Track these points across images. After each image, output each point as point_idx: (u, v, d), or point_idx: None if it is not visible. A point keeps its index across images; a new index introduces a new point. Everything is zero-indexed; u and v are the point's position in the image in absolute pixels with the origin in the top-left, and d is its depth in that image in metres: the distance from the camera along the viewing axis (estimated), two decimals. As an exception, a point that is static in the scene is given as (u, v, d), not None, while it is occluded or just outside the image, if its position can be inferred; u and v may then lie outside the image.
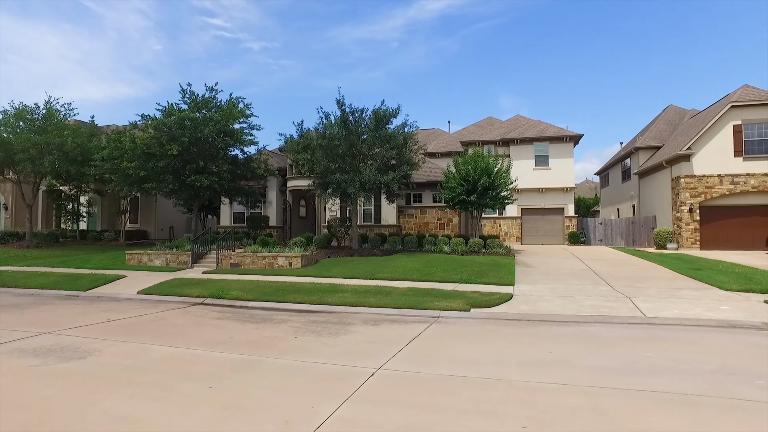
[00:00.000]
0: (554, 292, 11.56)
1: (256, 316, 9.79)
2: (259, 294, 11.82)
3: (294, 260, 16.07)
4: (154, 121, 19.05)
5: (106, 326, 8.53)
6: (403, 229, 23.72)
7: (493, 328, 8.56)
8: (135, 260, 18.06)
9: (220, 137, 19.74)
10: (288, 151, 18.42)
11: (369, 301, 10.77)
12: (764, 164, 21.07)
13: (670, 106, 32.38)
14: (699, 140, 21.58)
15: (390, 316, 9.79)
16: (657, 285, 12.31)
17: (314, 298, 11.16)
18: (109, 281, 14.29)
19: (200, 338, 7.58)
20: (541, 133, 27.49)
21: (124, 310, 10.39)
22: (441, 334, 7.98)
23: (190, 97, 20.80)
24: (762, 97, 21.41)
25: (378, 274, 14.34)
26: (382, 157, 17.83)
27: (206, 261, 17.86)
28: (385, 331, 8.32)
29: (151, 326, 8.58)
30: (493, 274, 14.29)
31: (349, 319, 9.39)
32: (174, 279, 14.29)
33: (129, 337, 7.59)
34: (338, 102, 18.26)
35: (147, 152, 19.64)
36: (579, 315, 9.33)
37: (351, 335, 7.87)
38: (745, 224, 21.42)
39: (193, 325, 8.77)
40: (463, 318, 9.54)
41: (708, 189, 21.53)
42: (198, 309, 10.71)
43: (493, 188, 19.31)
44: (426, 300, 10.73)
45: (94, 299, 12.29)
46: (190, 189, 20.18)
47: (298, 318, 9.51)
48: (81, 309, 10.66)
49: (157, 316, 9.61)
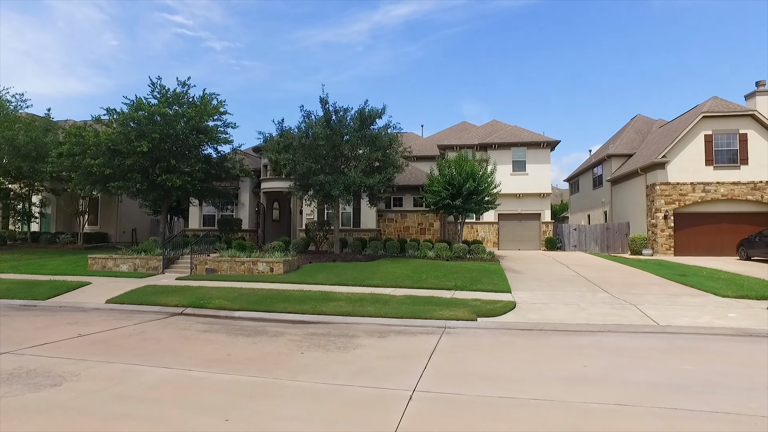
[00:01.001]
0: (555, 300, 11.26)
1: (247, 328, 8.92)
2: (245, 303, 10.91)
3: (275, 265, 15.14)
4: (121, 116, 17.62)
5: (78, 343, 7.47)
6: (382, 234, 23.11)
7: (509, 339, 8.09)
8: (99, 265, 16.57)
9: (193, 134, 18.54)
10: (268, 151, 17.45)
11: (367, 311, 10.09)
12: (732, 173, 21.89)
13: (639, 116, 33.41)
14: (673, 149, 22.19)
15: (394, 326, 9.16)
16: (652, 291, 12.25)
17: (307, 308, 10.37)
18: (72, 289, 12.93)
19: (193, 356, 6.68)
20: (519, 139, 27.63)
21: (94, 323, 9.26)
22: (458, 347, 7.42)
23: (160, 91, 19.47)
24: (730, 109, 22.27)
25: (367, 281, 13.68)
26: (368, 158, 17.18)
27: (178, 266, 16.60)
28: (395, 344, 7.68)
29: (131, 342, 7.58)
30: (486, 280, 13.90)
31: (350, 331, 8.69)
32: (146, 286, 13.09)
33: (108, 356, 6.61)
34: (322, 100, 17.47)
35: (113, 149, 18.19)
36: (590, 323, 9.01)
37: (361, 350, 7.18)
38: (715, 231, 22.15)
39: (179, 339, 7.82)
40: (471, 328, 9.04)
41: (681, 196, 22.14)
42: (179, 320, 9.70)
43: (478, 192, 19.04)
44: (428, 309, 10.17)
45: (55, 310, 10.99)
46: (159, 189, 18.82)
47: (294, 330, 8.72)
48: (42, 322, 9.44)
49: (135, 330, 8.58)
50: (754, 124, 21.77)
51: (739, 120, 21.90)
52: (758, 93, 23.69)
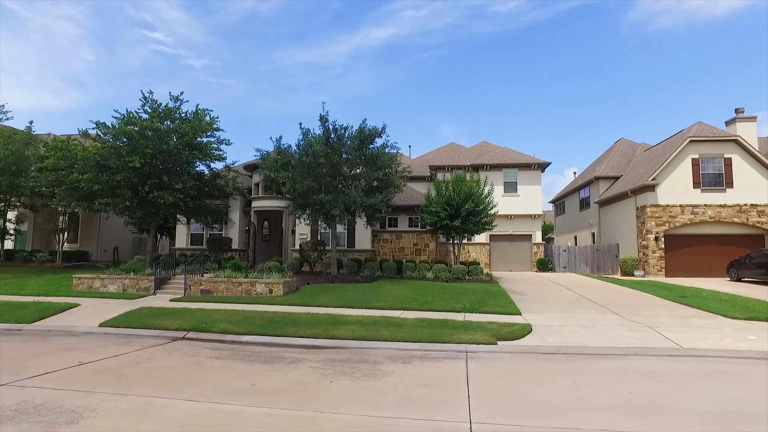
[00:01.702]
0: (569, 322, 11.08)
1: (260, 354, 8.41)
2: (251, 327, 10.38)
3: (275, 287, 14.60)
4: (112, 130, 16.99)
5: (82, 372, 6.86)
6: (377, 254, 22.76)
7: (538, 363, 7.82)
8: (84, 285, 15.67)
9: (186, 150, 18.00)
10: (266, 169, 17.03)
11: (382, 335, 9.69)
12: (719, 196, 22.50)
13: (623, 139, 34.31)
14: (662, 172, 22.72)
15: (413, 351, 8.80)
16: (661, 313, 12.22)
17: (318, 332, 9.91)
18: (60, 311, 12.12)
19: (216, 386, 6.18)
20: (510, 160, 27.90)
21: (91, 349, 8.60)
22: (490, 373, 7.11)
23: (151, 105, 18.95)
24: (715, 134, 23.03)
25: (373, 303, 13.27)
26: (368, 177, 16.94)
27: (170, 287, 15.85)
28: (423, 370, 7.32)
29: (140, 371, 7.00)
30: (493, 302, 13.69)
31: (370, 356, 8.29)
32: (141, 308, 12.37)
33: (121, 387, 6.05)
34: (322, 118, 17.25)
35: (102, 163, 17.51)
36: (613, 347, 8.83)
37: (391, 377, 6.80)
38: (704, 252, 22.60)
39: (192, 367, 7.28)
40: (494, 352, 8.75)
41: (671, 218, 22.59)
42: (183, 346, 9.11)
43: (477, 213, 18.99)
44: (445, 333, 9.85)
45: (44, 334, 10.22)
46: (149, 206, 18.11)
47: (311, 356, 8.26)
48: (34, 348, 8.72)
49: (139, 356, 7.97)
50: (737, 149, 22.54)
51: (723, 145, 22.65)
52: (738, 120, 24.65)
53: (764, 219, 22.09)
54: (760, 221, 22.11)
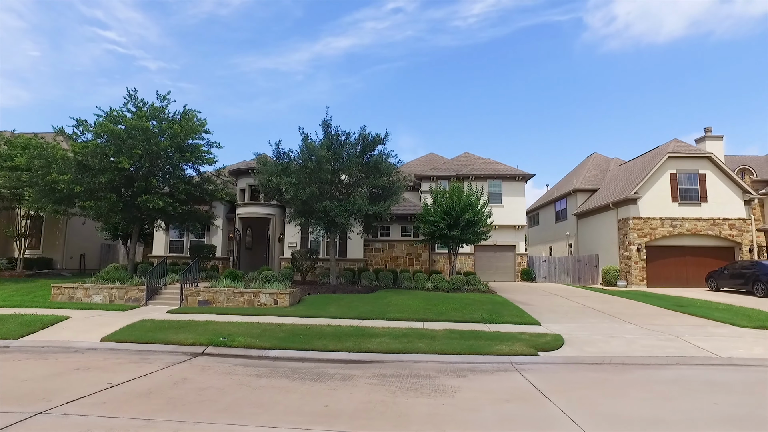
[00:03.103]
0: (592, 331, 11.11)
1: (302, 370, 7.82)
2: (274, 340, 9.72)
3: (280, 297, 13.87)
4: (98, 128, 15.74)
5: (120, 396, 6.07)
6: (369, 264, 22.28)
7: (593, 374, 7.70)
8: (65, 296, 14.31)
9: (178, 153, 16.98)
10: (266, 174, 16.26)
11: (418, 347, 9.33)
12: (695, 209, 23.68)
13: (595, 154, 35.66)
14: (643, 185, 23.68)
15: (458, 363, 8.49)
16: (672, 322, 12.51)
17: (350, 345, 9.40)
18: (48, 324, 10.93)
19: (287, 410, 5.61)
20: (495, 171, 28.28)
21: (109, 368, 7.72)
22: (557, 386, 6.86)
23: (135, 104, 17.79)
24: (691, 151, 24.32)
25: (388, 314, 12.84)
26: (372, 185, 16.55)
27: (163, 297, 14.74)
28: (484, 383, 7.04)
29: (186, 393, 6.28)
30: (507, 312, 13.59)
31: (419, 370, 7.92)
32: (142, 321, 11.34)
33: (183, 414, 5.36)
34: (324, 123, 16.74)
35: (83, 164, 16.20)
36: (653, 356, 8.87)
37: (463, 392, 6.46)
38: (681, 263, 23.66)
39: (242, 388, 6.62)
40: (540, 363, 8.57)
41: (652, 230, 23.53)
42: (210, 362, 8.36)
43: (475, 224, 18.99)
44: (481, 344, 9.61)
45: (39, 351, 9.13)
46: (135, 211, 16.89)
47: (358, 371, 7.77)
48: (41, 368, 7.72)
49: (171, 376, 7.20)
50: (711, 165, 23.86)
51: (698, 161, 23.92)
52: (707, 138, 26.20)
53: (735, 232, 23.43)
54: (731, 234, 23.43)
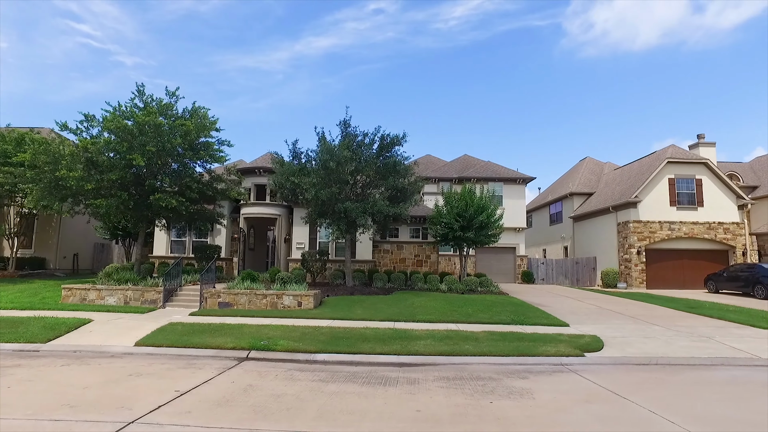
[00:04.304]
0: (623, 332, 11.30)
1: (359, 374, 7.69)
2: (317, 343, 9.55)
3: (304, 299, 13.65)
4: (109, 123, 15.19)
5: (198, 404, 5.84)
6: (378, 265, 22.15)
7: (648, 375, 7.86)
8: (77, 297, 13.76)
9: (191, 151, 16.55)
10: (284, 174, 15.98)
11: (466, 349, 9.31)
12: (692, 213, 24.39)
13: (588, 158, 36.38)
14: (643, 189, 24.27)
15: (511, 365, 8.53)
16: (693, 323, 12.80)
17: (397, 348, 9.32)
18: (73, 328, 10.48)
19: (380, 416, 5.50)
20: (496, 174, 28.53)
21: (161, 373, 7.46)
22: (625, 386, 6.92)
23: (142, 100, 17.26)
24: (688, 156, 25.06)
25: (418, 316, 12.78)
26: (392, 186, 16.45)
27: (180, 299, 14.32)
28: (551, 384, 7.10)
29: (260, 400, 6.06)
30: (531, 314, 13.70)
31: (479, 372, 7.94)
32: (171, 325, 10.98)
33: (268, 421, 5.21)
34: (344, 123, 16.57)
35: (91, 160, 15.65)
36: (695, 357, 9.08)
37: (539, 394, 6.47)
38: (678, 266, 24.33)
39: (316, 394, 6.43)
40: (589, 364, 8.68)
41: (651, 233, 24.12)
42: (262, 367, 8.14)
43: (488, 225, 19.11)
44: (525, 345, 9.67)
45: (74, 356, 8.73)
46: (146, 210, 16.39)
47: (419, 374, 7.70)
48: (92, 375, 7.38)
49: (234, 382, 6.98)
50: (707, 171, 24.64)
51: (695, 167, 24.66)
52: (701, 144, 27.01)
53: (729, 236, 24.23)
54: (726, 238, 24.22)
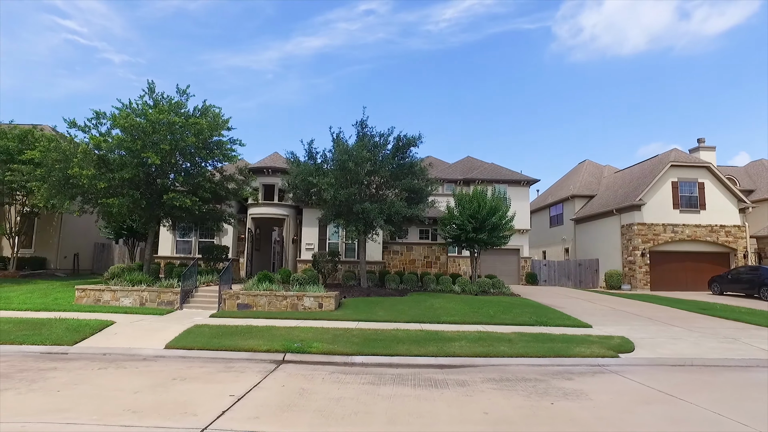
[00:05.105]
0: (644, 333, 11.44)
1: (404, 376, 7.62)
2: (352, 345, 9.45)
3: (325, 301, 13.52)
4: (122, 120, 14.90)
5: (257, 408, 5.77)
6: (387, 266, 22.07)
7: (688, 375, 7.99)
8: (91, 298, 13.45)
9: (205, 150, 16.33)
10: (300, 174, 15.83)
11: (501, 351, 9.29)
12: (694, 216, 24.76)
13: (587, 161, 36.72)
14: (647, 192, 24.57)
15: (549, 366, 8.59)
16: (709, 324, 12.97)
17: (433, 349, 9.26)
18: (97, 330, 10.23)
19: (449, 419, 5.46)
20: (501, 176, 28.68)
21: (206, 377, 7.31)
22: (669, 387, 6.98)
23: (152, 97, 16.98)
24: (691, 160, 25.44)
25: (442, 318, 12.77)
26: (408, 187, 16.39)
27: (197, 300, 14.08)
28: (598, 385, 7.16)
29: (322, 404, 5.94)
30: (552, 315, 13.75)
31: (522, 373, 7.95)
32: (197, 327, 10.78)
33: (341, 425, 5.18)
34: (361, 123, 16.49)
35: (102, 158, 15.36)
36: (727, 358, 9.20)
37: (594, 395, 6.50)
38: (681, 268, 24.67)
39: (374, 397, 6.33)
40: (626, 365, 8.74)
41: (655, 236, 24.43)
42: (303, 369, 8.01)
43: (501, 227, 19.16)
44: (559, 346, 9.70)
45: (107, 359, 8.51)
46: (158, 209, 16.12)
47: (464, 376, 7.68)
48: (135, 379, 7.20)
49: (285, 386, 6.84)
50: (709, 175, 25.03)
51: (697, 170, 25.04)
52: (701, 148, 27.47)
53: (730, 239, 24.64)
54: (728, 240, 24.63)
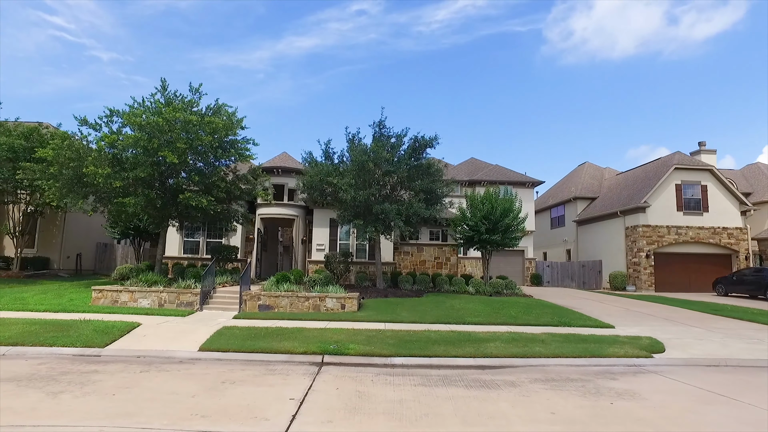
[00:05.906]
0: (669, 334, 11.55)
1: (451, 377, 7.63)
2: (388, 347, 9.41)
3: (348, 302, 13.46)
4: (137, 119, 14.68)
5: (327, 411, 5.76)
6: (398, 267, 22.04)
7: (727, 376, 8.13)
8: (108, 299, 13.23)
9: (220, 150, 16.17)
10: (318, 174, 15.74)
11: (537, 351, 9.34)
12: (697, 219, 25.14)
13: (587, 163, 37.05)
14: (652, 195, 24.89)
15: (588, 366, 8.72)
16: (728, 325, 13.16)
17: (470, 350, 9.27)
18: (125, 332, 10.05)
19: (521, 420, 5.49)
20: (506, 177, 28.83)
21: (252, 380, 7.26)
22: (716, 387, 7.08)
23: (164, 96, 16.77)
24: (694, 163, 25.83)
25: (466, 319, 12.80)
26: (426, 189, 16.38)
27: (216, 301, 13.91)
28: (644, 386, 7.22)
29: (385, 406, 5.93)
30: (572, 316, 13.87)
31: (565, 374, 8.07)
32: (227, 329, 10.63)
33: (420, 427, 5.10)
34: (379, 124, 16.45)
35: (116, 157, 15.14)
36: (761, 359, 9.38)
37: (648, 395, 6.61)
38: (684, 269, 25.03)
39: (435, 399, 6.32)
40: (662, 365, 8.88)
41: (659, 238, 24.75)
42: (346, 371, 7.95)
43: (514, 228, 19.26)
44: (592, 347, 9.82)
45: (141, 362, 8.36)
46: (173, 209, 15.92)
47: (510, 377, 7.71)
48: (184, 382, 7.08)
49: (338, 389, 6.80)
50: (711, 177, 25.44)
51: (700, 173, 25.44)
52: (702, 152, 27.96)
53: (732, 241, 25.06)
54: (730, 242, 25.05)
